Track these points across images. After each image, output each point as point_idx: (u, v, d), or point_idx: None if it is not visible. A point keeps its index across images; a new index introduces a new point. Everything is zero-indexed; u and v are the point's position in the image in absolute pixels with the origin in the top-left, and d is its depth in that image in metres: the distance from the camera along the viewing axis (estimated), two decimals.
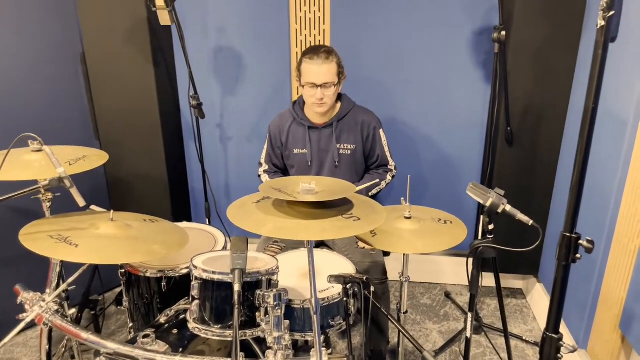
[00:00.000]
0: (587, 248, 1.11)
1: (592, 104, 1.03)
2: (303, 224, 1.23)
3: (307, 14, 2.71)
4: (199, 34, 2.81)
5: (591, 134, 1.06)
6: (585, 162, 1.08)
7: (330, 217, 1.28)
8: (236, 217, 1.29)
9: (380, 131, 2.34)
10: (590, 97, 1.03)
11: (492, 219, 1.59)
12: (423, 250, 1.55)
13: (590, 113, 1.04)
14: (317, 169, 2.35)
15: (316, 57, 2.12)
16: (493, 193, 1.55)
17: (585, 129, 1.06)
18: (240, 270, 1.45)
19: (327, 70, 2.12)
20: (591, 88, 1.03)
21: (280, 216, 1.27)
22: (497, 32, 2.14)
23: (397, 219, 1.69)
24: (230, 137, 3.00)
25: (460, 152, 2.81)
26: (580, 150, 1.08)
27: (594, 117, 1.05)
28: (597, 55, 1.01)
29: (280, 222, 1.24)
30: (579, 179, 1.08)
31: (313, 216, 1.28)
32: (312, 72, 2.13)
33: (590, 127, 1.05)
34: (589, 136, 1.06)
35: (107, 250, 1.59)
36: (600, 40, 1.00)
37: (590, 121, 1.05)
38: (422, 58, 2.67)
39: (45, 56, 2.50)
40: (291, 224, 1.23)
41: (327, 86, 2.14)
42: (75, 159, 1.93)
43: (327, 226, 1.23)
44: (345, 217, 1.29)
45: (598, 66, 1.01)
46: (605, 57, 1.01)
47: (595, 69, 1.02)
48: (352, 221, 1.27)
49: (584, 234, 1.82)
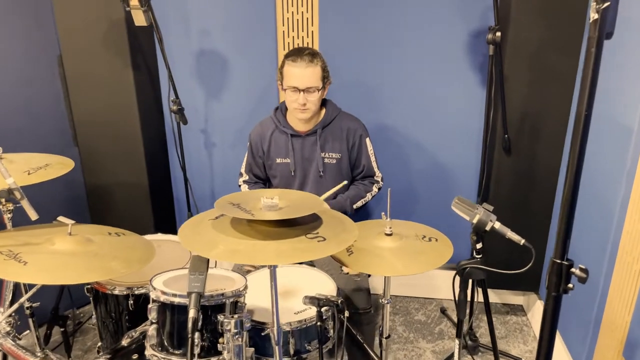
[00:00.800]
0: (580, 277, 0.96)
1: (584, 110, 0.88)
2: (258, 246, 1.09)
3: (295, 14, 2.58)
4: (181, 36, 2.68)
5: (584, 145, 0.91)
6: (577, 176, 0.93)
7: (292, 237, 1.14)
8: (187, 237, 1.15)
9: (366, 140, 2.20)
10: (583, 103, 0.88)
11: (480, 237, 1.44)
12: (403, 272, 1.40)
13: (582, 121, 0.89)
14: (301, 179, 2.21)
15: (299, 59, 1.99)
16: (481, 209, 1.41)
17: (577, 139, 0.91)
18: (197, 294, 1.31)
19: (310, 73, 1.99)
20: (583, 92, 0.88)
21: (235, 236, 1.13)
22: (491, 32, 1.99)
23: (377, 236, 1.55)
24: (215, 143, 2.87)
25: (455, 161, 2.66)
26: (572, 162, 0.93)
27: (587, 126, 0.90)
28: (591, 54, 0.86)
29: (233, 244, 1.10)
30: (570, 196, 0.93)
31: (273, 236, 1.14)
32: (295, 75, 2.00)
33: (582, 137, 0.90)
34: (581, 148, 0.91)
35: (58, 269, 1.45)
36: (594, 36, 0.85)
37: (583, 131, 0.90)
38: (415, 61, 2.52)
39: (20, 57, 2.38)
40: (244, 246, 1.09)
41: (310, 91, 2.00)
42: (36, 168, 1.81)
43: (285, 248, 1.08)
44: (310, 237, 1.15)
45: (592, 66, 0.87)
46: (600, 55, 0.86)
47: (588, 70, 0.87)
48: (317, 242, 1.12)
49: (584, 252, 1.66)
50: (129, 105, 2.58)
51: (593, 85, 0.88)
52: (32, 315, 2.00)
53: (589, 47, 0.86)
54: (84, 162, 2.72)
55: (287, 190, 1.34)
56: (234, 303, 1.50)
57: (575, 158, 0.92)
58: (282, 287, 1.84)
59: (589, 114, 0.89)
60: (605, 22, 0.84)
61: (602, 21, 0.84)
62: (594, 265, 1.89)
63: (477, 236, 1.44)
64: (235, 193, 1.31)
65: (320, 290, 1.80)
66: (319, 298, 1.55)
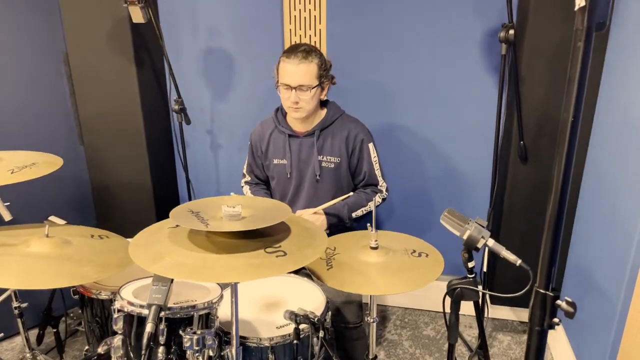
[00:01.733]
0: (567, 312, 0.82)
1: (571, 115, 0.74)
2: (208, 261, 0.99)
3: (302, 12, 2.48)
4: (189, 34, 2.63)
5: (570, 158, 0.77)
6: (563, 195, 0.79)
7: (249, 251, 1.03)
8: (137, 246, 1.06)
9: (369, 145, 2.07)
10: (569, 107, 0.74)
11: (472, 255, 1.30)
12: (384, 291, 1.28)
13: (569, 129, 0.75)
14: (297, 182, 2.11)
15: (293, 55, 1.90)
16: (472, 224, 1.26)
17: (562, 151, 0.77)
18: (158, 306, 1.23)
19: (304, 71, 1.89)
20: (570, 95, 0.74)
21: (187, 248, 1.04)
22: (504, 30, 1.83)
23: (362, 249, 1.42)
24: (221, 144, 2.80)
25: (469, 167, 2.49)
26: (557, 179, 0.78)
27: (573, 134, 0.75)
28: (578, 49, 0.72)
29: (182, 257, 1.00)
30: (556, 216, 0.79)
31: (229, 249, 1.04)
32: (287, 72, 1.91)
33: (569, 149, 0.76)
34: (568, 161, 0.77)
35: (24, 273, 1.40)
36: (581, 28, 0.71)
37: (570, 141, 0.76)
38: (428, 60, 2.37)
39: (26, 55, 2.37)
40: (193, 260, 0.99)
41: (302, 89, 1.90)
42: (21, 167, 1.77)
43: (238, 264, 0.98)
44: (269, 251, 1.04)
45: (579, 64, 0.72)
46: (589, 51, 0.72)
47: (575, 69, 0.73)
48: (275, 257, 1.01)
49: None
50: (132, 104, 2.54)
51: (581, 86, 0.74)
52: (20, 316, 1.97)
53: (575, 40, 0.72)
54: (90, 160, 2.70)
55: (256, 198, 1.24)
56: (206, 316, 1.41)
57: (561, 173, 0.78)
58: (267, 298, 1.74)
59: (576, 120, 0.75)
60: (594, 9, 0.70)
61: (591, 9, 0.70)
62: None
63: (468, 254, 1.29)
64: (200, 200, 1.22)
65: (307, 302, 1.69)
66: (297, 314, 1.44)
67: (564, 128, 0.76)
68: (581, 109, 0.75)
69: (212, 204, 1.18)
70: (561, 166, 0.78)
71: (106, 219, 2.81)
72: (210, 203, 1.19)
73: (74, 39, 2.48)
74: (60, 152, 2.58)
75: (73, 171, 2.68)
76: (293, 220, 1.23)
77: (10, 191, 1.83)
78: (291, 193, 2.13)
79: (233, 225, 1.04)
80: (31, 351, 2.05)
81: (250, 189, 2.22)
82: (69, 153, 2.65)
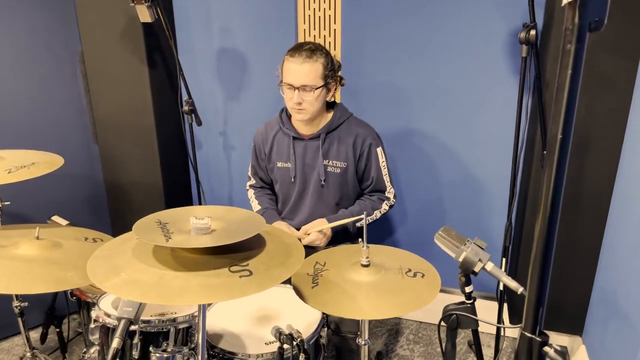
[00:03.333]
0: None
1: (559, 132, 0.62)
2: (165, 280, 0.91)
3: (317, 12, 2.39)
4: (202, 35, 2.58)
5: (560, 178, 0.64)
6: (552, 223, 0.66)
7: (212, 269, 0.95)
8: (99, 258, 1.00)
9: (377, 149, 1.96)
10: (557, 123, 0.62)
11: (470, 279, 1.18)
12: (369, 315, 1.17)
13: (557, 147, 0.63)
14: (301, 187, 2.02)
15: (297, 54, 1.82)
16: (469, 245, 1.14)
17: (550, 171, 0.64)
18: (127, 320, 1.16)
19: (307, 70, 1.80)
20: (558, 108, 0.62)
21: (148, 263, 0.96)
22: (525, 31, 1.68)
23: (352, 266, 1.32)
24: (233, 145, 2.75)
25: (487, 176, 2.33)
26: (545, 204, 0.66)
27: (563, 153, 0.63)
28: (568, 53, 0.60)
29: (138, 273, 0.93)
30: (543, 247, 0.67)
31: (191, 265, 0.96)
32: (290, 71, 1.83)
33: (558, 169, 0.64)
34: (557, 182, 0.65)
35: (6, 277, 1.36)
36: (571, 28, 0.58)
37: (559, 160, 0.63)
38: (447, 62, 2.23)
39: (42, 54, 2.39)
40: (148, 277, 0.91)
41: (306, 89, 1.81)
42: (19, 166, 1.76)
43: (193, 285, 0.90)
44: (234, 269, 0.95)
45: (570, 70, 0.60)
46: (581, 55, 0.59)
47: (564, 75, 0.61)
48: (238, 277, 0.93)
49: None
50: (144, 104, 2.52)
51: (571, 96, 0.61)
52: (21, 315, 1.97)
53: (564, 43, 0.60)
54: (103, 159, 2.70)
55: (231, 208, 1.16)
56: (185, 330, 1.34)
57: (550, 196, 0.65)
58: (261, 310, 1.67)
59: (565, 138, 0.62)
60: (587, 5, 0.57)
61: (583, 4, 0.57)
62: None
63: (465, 278, 1.17)
64: (171, 210, 1.15)
65: (302, 317, 1.60)
66: (282, 332, 1.35)
67: (552, 147, 0.63)
68: (572, 124, 0.62)
69: (184, 214, 1.11)
70: (550, 186, 0.66)
71: (120, 218, 2.81)
72: (181, 214, 1.12)
73: (89, 38, 2.48)
74: (75, 150, 2.62)
75: (88, 170, 2.69)
76: (271, 233, 1.14)
77: (22, 189, 1.83)
78: (295, 197, 2.04)
79: (194, 241, 0.96)
80: (31, 350, 2.04)
81: (255, 193, 2.16)
82: (83, 151, 2.66)
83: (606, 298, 1.96)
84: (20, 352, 2.35)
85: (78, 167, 2.64)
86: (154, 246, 1.03)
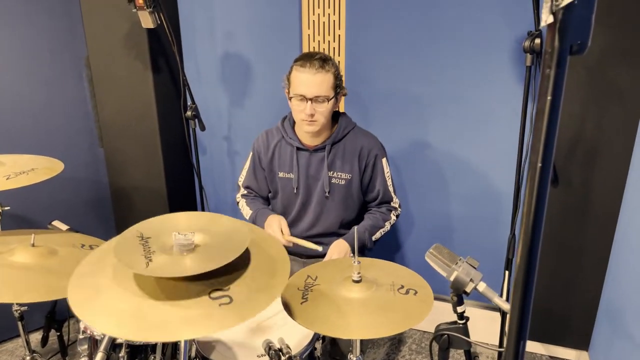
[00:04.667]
0: None
1: (539, 161, 0.59)
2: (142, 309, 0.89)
3: (321, 17, 2.36)
4: (206, 40, 2.58)
5: (540, 209, 0.61)
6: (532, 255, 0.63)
7: (191, 297, 0.92)
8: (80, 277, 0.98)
9: (382, 160, 1.94)
10: (537, 151, 0.58)
11: (462, 299, 1.14)
12: (355, 334, 1.14)
13: (537, 177, 0.59)
14: (304, 198, 1.99)
15: (309, 64, 1.77)
16: (461, 264, 1.11)
17: (531, 202, 0.61)
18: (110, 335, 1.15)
19: (320, 81, 1.76)
20: (538, 134, 0.58)
21: (127, 287, 0.94)
22: (529, 39, 1.63)
23: (343, 282, 1.29)
24: (238, 151, 2.74)
25: (493, 187, 2.28)
26: (526, 236, 0.63)
27: (543, 184, 0.60)
28: (547, 77, 0.56)
29: (116, 300, 0.91)
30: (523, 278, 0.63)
31: (172, 291, 0.94)
32: (303, 82, 1.78)
33: (538, 199, 0.60)
34: (537, 214, 0.61)
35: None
36: (550, 52, 0.55)
37: (539, 191, 0.60)
38: (455, 69, 2.18)
39: (47, 58, 2.40)
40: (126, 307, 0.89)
41: (319, 100, 1.78)
42: (19, 172, 1.76)
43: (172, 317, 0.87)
44: (215, 296, 0.93)
45: (549, 95, 0.57)
46: (562, 80, 0.56)
47: (543, 101, 0.57)
48: (218, 306, 0.90)
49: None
50: (148, 109, 2.52)
51: (552, 122, 0.58)
52: (21, 319, 1.98)
53: (543, 67, 0.57)
54: (108, 163, 2.71)
55: (215, 216, 1.13)
56: (174, 343, 1.33)
57: (530, 229, 0.62)
58: (255, 321, 1.64)
59: (545, 167, 0.59)
60: (567, 28, 0.54)
61: (563, 27, 0.54)
62: None
63: (457, 297, 1.13)
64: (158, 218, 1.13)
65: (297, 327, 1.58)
66: (272, 347, 1.33)
67: (532, 176, 0.60)
68: (552, 152, 0.59)
69: (167, 226, 1.08)
70: (530, 219, 0.62)
71: (124, 223, 2.79)
72: (165, 225, 1.09)
73: (95, 43, 2.48)
74: (80, 154, 2.63)
75: (93, 174, 2.71)
76: (256, 244, 1.11)
77: (27, 193, 1.84)
78: (297, 209, 2.01)
79: (174, 269, 0.93)
80: (31, 354, 2.05)
81: (246, 201, 2.09)
82: (89, 156, 2.67)
83: (614, 312, 1.90)
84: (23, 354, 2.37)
85: (83, 171, 2.65)
86: None
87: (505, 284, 1.94)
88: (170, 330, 0.84)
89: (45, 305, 2.15)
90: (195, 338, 1.46)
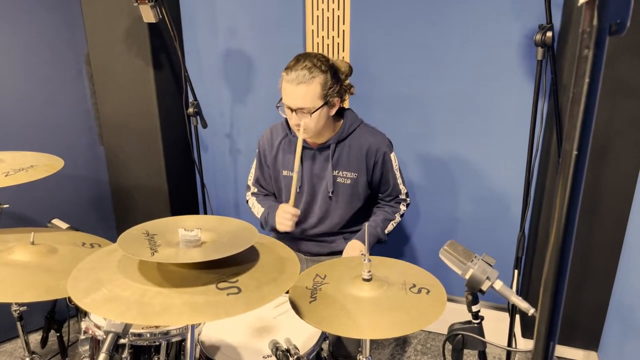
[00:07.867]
0: None
1: (575, 149, 0.55)
2: (146, 296, 0.86)
3: (325, 12, 2.33)
4: (208, 35, 2.54)
5: (574, 203, 0.57)
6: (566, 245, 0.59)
7: (198, 286, 0.89)
8: (80, 272, 0.95)
9: (391, 155, 1.90)
10: (573, 138, 0.55)
11: (477, 297, 1.10)
12: (368, 335, 1.10)
13: (572, 166, 0.56)
14: (309, 197, 1.96)
15: (294, 74, 1.67)
16: (477, 261, 1.07)
17: (564, 194, 0.57)
18: (115, 334, 1.11)
19: (303, 93, 1.67)
20: (574, 121, 0.54)
21: (132, 277, 0.91)
22: (541, 33, 1.60)
23: (353, 280, 1.25)
24: (240, 148, 2.70)
25: (502, 184, 2.24)
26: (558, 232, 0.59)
27: (579, 173, 0.56)
28: (585, 59, 0.52)
29: (120, 288, 0.88)
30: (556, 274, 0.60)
31: (178, 281, 0.91)
32: (287, 92, 1.71)
33: (573, 188, 0.57)
34: (571, 207, 0.57)
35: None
36: (589, 31, 0.51)
37: (573, 184, 0.56)
38: (462, 66, 2.15)
39: (47, 55, 2.36)
40: (130, 294, 0.86)
41: (303, 112, 1.71)
42: (18, 169, 1.72)
43: (177, 303, 0.84)
44: (222, 286, 0.90)
45: (587, 78, 0.53)
46: (601, 60, 0.52)
47: (581, 85, 0.53)
48: (225, 295, 0.87)
49: None
50: (149, 106, 2.48)
51: (589, 109, 0.54)
52: (20, 319, 1.94)
53: (581, 49, 0.53)
54: (109, 161, 2.67)
55: (224, 219, 1.10)
56: (179, 343, 1.29)
57: (563, 224, 0.58)
58: (260, 320, 1.60)
59: (581, 155, 0.55)
60: (607, 4, 0.50)
61: (603, 3, 0.50)
62: None
63: (472, 296, 1.09)
64: (160, 220, 1.09)
65: (303, 328, 1.54)
66: (279, 348, 1.29)
67: (567, 165, 0.56)
68: (589, 139, 0.55)
69: (173, 225, 1.05)
70: (563, 212, 0.58)
71: (125, 221, 2.77)
72: (171, 224, 1.06)
73: (95, 40, 2.44)
74: (81, 152, 2.59)
75: (93, 171, 2.67)
76: (266, 245, 1.08)
77: (27, 191, 1.80)
78: (301, 208, 1.97)
79: (180, 256, 0.90)
80: (30, 355, 2.01)
81: (257, 199, 2.08)
82: (89, 153, 2.63)
83: (623, 312, 1.86)
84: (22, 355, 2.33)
85: (83, 168, 2.61)
86: (139, 260, 0.97)
87: (515, 283, 1.90)
88: (173, 315, 0.81)
89: (45, 305, 2.11)
90: (201, 327, 1.43)
